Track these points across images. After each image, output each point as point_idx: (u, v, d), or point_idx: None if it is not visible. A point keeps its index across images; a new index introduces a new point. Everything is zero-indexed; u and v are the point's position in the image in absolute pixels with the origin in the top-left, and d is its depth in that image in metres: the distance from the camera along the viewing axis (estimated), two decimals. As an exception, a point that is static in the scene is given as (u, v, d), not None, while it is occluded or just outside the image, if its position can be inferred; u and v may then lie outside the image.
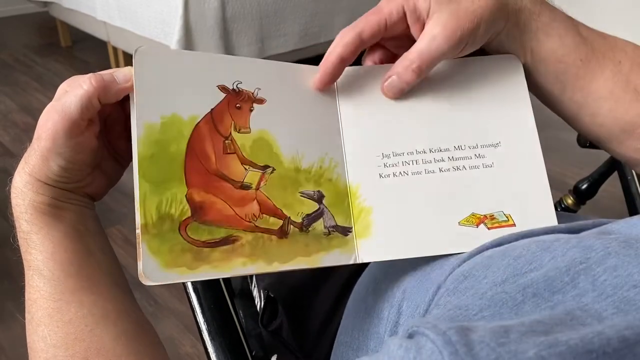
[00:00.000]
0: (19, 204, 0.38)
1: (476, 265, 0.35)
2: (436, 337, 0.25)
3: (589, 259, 0.29)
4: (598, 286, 0.27)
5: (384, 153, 0.42)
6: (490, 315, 0.28)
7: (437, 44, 0.39)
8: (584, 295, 0.27)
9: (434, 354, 0.24)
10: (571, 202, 0.92)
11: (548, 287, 0.28)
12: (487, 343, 0.24)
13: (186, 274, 0.36)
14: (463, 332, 0.25)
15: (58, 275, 0.37)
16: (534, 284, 0.29)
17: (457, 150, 0.42)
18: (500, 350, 0.23)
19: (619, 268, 0.27)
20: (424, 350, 0.25)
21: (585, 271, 0.28)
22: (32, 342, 0.38)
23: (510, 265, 0.32)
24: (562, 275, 0.28)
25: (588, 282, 0.27)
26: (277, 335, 0.62)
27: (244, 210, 0.39)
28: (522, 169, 0.42)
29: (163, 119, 0.38)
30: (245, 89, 0.41)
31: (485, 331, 0.24)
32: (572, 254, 0.30)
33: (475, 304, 0.29)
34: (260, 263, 0.38)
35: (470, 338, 0.24)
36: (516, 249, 0.34)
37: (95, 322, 0.37)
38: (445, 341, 0.24)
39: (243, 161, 0.40)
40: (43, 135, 0.37)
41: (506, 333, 0.24)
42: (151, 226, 0.36)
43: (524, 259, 0.32)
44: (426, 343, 0.25)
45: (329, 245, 0.41)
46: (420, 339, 0.26)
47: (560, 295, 0.28)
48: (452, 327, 0.25)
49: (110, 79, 0.38)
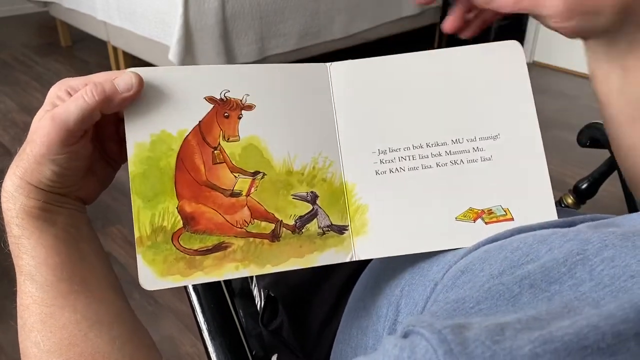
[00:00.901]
0: (9, 208, 0.37)
1: (473, 260, 0.35)
2: (431, 335, 0.25)
3: (586, 250, 0.29)
4: (595, 276, 0.27)
5: (380, 149, 0.42)
6: (488, 307, 0.28)
7: None
8: (581, 285, 0.27)
9: (428, 353, 0.24)
10: (571, 201, 0.92)
11: (545, 278, 0.28)
12: (482, 341, 0.24)
13: (180, 281, 0.39)
14: (458, 330, 0.25)
15: (51, 280, 0.37)
16: (530, 275, 0.29)
17: (454, 143, 0.42)
18: (496, 347, 0.23)
19: (616, 259, 0.27)
20: (418, 349, 0.25)
21: (583, 262, 0.28)
22: (24, 348, 0.37)
23: (507, 258, 0.32)
24: (559, 266, 0.28)
25: (585, 272, 0.27)
26: (278, 334, 0.62)
27: (235, 217, 0.40)
28: (522, 162, 0.42)
29: (152, 137, 0.40)
30: (233, 97, 0.41)
31: (481, 329, 0.24)
32: (569, 246, 0.30)
33: (472, 297, 0.29)
34: (253, 267, 0.40)
35: (465, 336, 0.24)
36: (513, 242, 0.34)
37: (89, 327, 0.37)
38: (440, 340, 0.24)
39: (232, 169, 0.41)
40: (38, 141, 0.36)
41: (502, 331, 0.24)
42: (145, 238, 0.39)
43: (521, 251, 0.32)
44: (420, 342, 0.25)
45: (323, 245, 0.41)
46: (414, 338, 0.26)
47: (557, 285, 0.28)
48: (448, 325, 0.25)
49: (112, 89, 0.37)
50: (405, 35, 3.15)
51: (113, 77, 0.38)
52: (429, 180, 0.42)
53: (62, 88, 0.38)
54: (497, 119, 0.42)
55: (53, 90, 0.39)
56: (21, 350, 0.38)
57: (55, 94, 0.38)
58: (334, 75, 0.43)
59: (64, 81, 0.39)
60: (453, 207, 0.41)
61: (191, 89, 0.41)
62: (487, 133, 0.42)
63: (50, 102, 0.38)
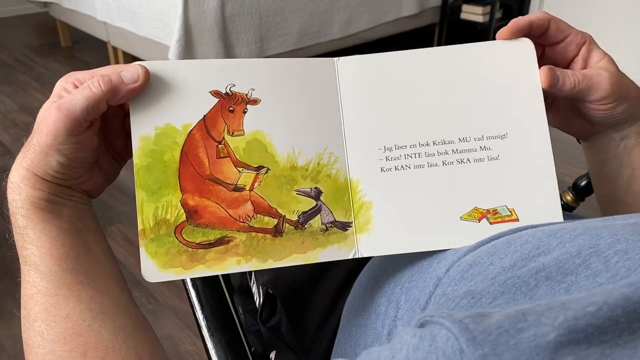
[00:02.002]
0: (15, 199, 0.37)
1: (481, 253, 0.35)
2: (452, 325, 0.24)
3: (598, 244, 0.29)
4: (611, 267, 0.27)
5: (386, 146, 0.42)
6: (505, 302, 0.28)
7: (592, 85, 0.42)
8: (597, 276, 0.27)
9: (449, 341, 0.24)
10: (570, 198, 0.92)
11: (560, 270, 0.28)
12: (505, 328, 0.23)
13: (182, 273, 0.39)
14: (479, 318, 0.24)
15: (55, 270, 0.37)
16: (545, 268, 0.29)
17: (461, 142, 0.41)
18: (520, 337, 0.23)
19: (630, 251, 0.27)
20: (439, 337, 0.24)
21: (597, 254, 0.28)
22: (28, 337, 0.37)
23: (517, 251, 0.32)
24: (573, 258, 0.28)
25: (600, 263, 0.27)
26: (276, 331, 0.62)
27: (238, 211, 0.40)
28: (530, 162, 0.41)
29: (157, 130, 0.40)
30: (238, 91, 0.41)
31: (502, 316, 0.24)
32: (580, 240, 0.30)
33: (487, 290, 0.29)
34: (254, 261, 0.40)
35: (487, 323, 0.24)
36: (522, 236, 0.34)
37: (93, 317, 0.37)
38: (462, 328, 0.24)
39: (236, 164, 0.41)
40: (44, 131, 0.36)
41: (524, 316, 0.24)
42: (149, 231, 0.39)
43: (531, 244, 0.32)
44: (441, 330, 0.25)
45: (326, 241, 0.41)
46: (434, 327, 0.25)
47: (573, 276, 0.27)
48: (468, 315, 0.25)
49: (119, 80, 0.38)
50: (405, 35, 3.15)
51: (119, 69, 0.38)
52: (435, 178, 0.41)
53: (69, 81, 0.39)
54: (506, 117, 0.42)
55: (60, 82, 0.39)
56: (24, 339, 0.37)
57: (62, 87, 0.39)
58: (342, 70, 0.43)
59: (71, 74, 0.39)
60: (458, 206, 0.41)
61: (197, 83, 0.40)
62: (495, 132, 0.41)
63: (57, 94, 0.39)
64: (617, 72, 0.43)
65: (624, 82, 0.43)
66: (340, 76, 0.43)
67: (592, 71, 0.43)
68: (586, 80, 0.42)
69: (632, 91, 0.43)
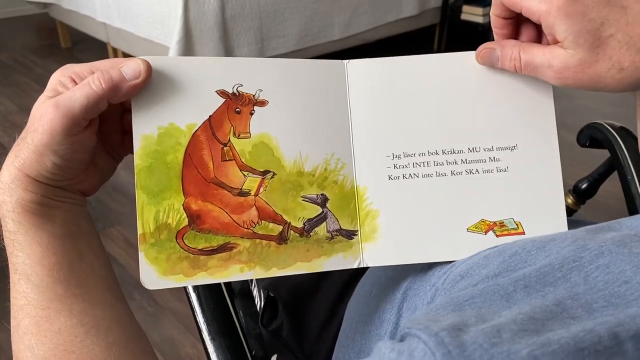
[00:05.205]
0: (5, 201, 0.35)
1: (473, 265, 0.35)
2: (428, 338, 0.24)
3: (582, 258, 0.29)
4: (590, 282, 0.27)
5: (394, 153, 0.41)
6: (481, 302, 0.28)
7: (547, 73, 0.36)
8: (574, 288, 0.27)
9: (426, 356, 0.24)
10: (571, 201, 0.92)
11: (540, 280, 0.28)
12: (479, 344, 0.23)
13: (183, 281, 0.38)
14: (455, 333, 0.24)
15: (47, 281, 0.35)
16: (526, 278, 0.29)
17: (471, 152, 0.40)
18: (493, 350, 0.23)
19: (611, 265, 0.27)
20: (416, 352, 0.24)
21: (578, 268, 0.28)
22: (17, 350, 0.36)
23: (505, 262, 0.32)
24: (554, 271, 0.28)
25: (580, 278, 0.27)
26: (277, 335, 0.62)
27: (242, 217, 0.39)
28: (538, 174, 0.40)
29: (160, 130, 0.38)
30: (245, 91, 0.39)
31: (478, 331, 0.24)
32: (565, 252, 0.30)
33: (466, 293, 0.29)
34: (258, 269, 0.39)
35: (462, 339, 0.24)
36: (513, 247, 0.34)
37: (85, 333, 0.35)
38: (438, 342, 0.24)
39: (242, 167, 0.39)
40: (40, 129, 0.34)
41: (498, 333, 0.24)
42: (149, 236, 0.38)
43: (519, 257, 0.32)
44: (418, 344, 0.25)
45: (331, 249, 0.40)
46: (412, 341, 0.25)
47: (551, 287, 0.27)
48: (444, 328, 0.25)
49: (120, 77, 0.35)
50: (405, 36, 3.15)
51: (119, 64, 0.36)
52: (443, 188, 0.40)
53: (65, 74, 0.36)
54: (516, 128, 0.41)
55: (56, 75, 0.36)
56: (14, 351, 0.36)
57: (58, 80, 0.36)
58: (351, 73, 0.41)
59: (68, 67, 0.37)
60: (465, 217, 0.40)
61: (202, 81, 0.39)
62: (505, 143, 0.40)
63: (53, 88, 0.36)
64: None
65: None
66: (350, 79, 0.41)
67: (545, 57, 0.35)
68: (528, 69, 0.37)
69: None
